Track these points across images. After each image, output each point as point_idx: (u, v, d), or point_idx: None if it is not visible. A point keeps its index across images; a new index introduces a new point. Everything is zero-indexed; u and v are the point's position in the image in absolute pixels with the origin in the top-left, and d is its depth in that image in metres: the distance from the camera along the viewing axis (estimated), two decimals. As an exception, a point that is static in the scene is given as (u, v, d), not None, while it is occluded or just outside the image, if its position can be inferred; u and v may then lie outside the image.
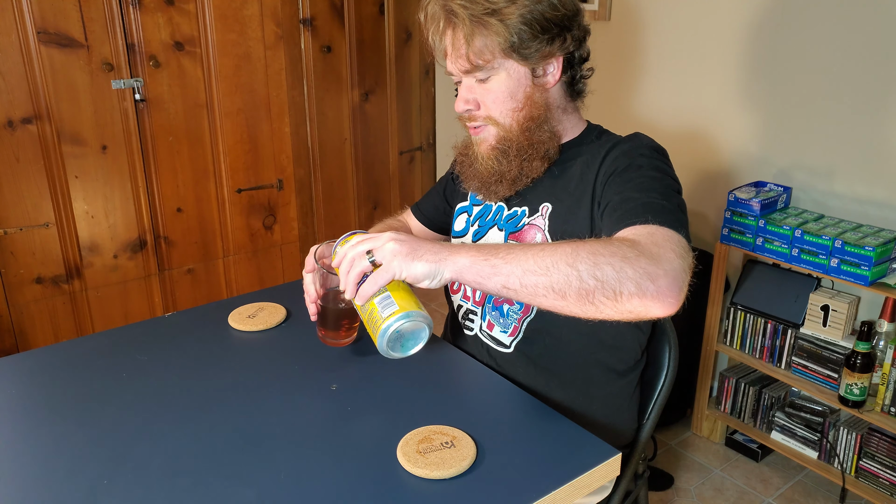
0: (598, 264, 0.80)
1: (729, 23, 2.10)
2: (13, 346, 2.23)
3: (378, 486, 0.83)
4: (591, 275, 0.80)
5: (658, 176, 1.00)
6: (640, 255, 0.81)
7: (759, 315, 2.01)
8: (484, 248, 0.87)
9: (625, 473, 1.15)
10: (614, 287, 0.79)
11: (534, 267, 0.82)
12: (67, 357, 1.14)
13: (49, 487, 0.84)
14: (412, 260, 0.85)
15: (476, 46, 1.04)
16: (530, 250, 0.84)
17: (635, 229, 0.89)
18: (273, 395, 1.02)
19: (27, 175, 2.14)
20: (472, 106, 1.10)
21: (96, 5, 2.13)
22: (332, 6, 2.65)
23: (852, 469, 1.88)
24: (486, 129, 1.12)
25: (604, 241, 0.85)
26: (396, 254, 0.86)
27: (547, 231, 1.10)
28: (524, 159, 1.10)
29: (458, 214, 1.29)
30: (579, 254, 0.81)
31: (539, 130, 1.10)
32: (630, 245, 0.83)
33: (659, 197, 0.94)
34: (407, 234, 0.90)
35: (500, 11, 1.02)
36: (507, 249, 0.85)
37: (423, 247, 0.87)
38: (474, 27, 1.03)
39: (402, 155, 3.12)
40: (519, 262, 0.83)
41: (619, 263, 0.80)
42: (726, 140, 2.19)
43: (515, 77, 1.07)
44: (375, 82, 2.89)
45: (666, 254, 0.83)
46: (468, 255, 0.86)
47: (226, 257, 2.61)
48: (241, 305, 1.29)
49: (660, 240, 0.85)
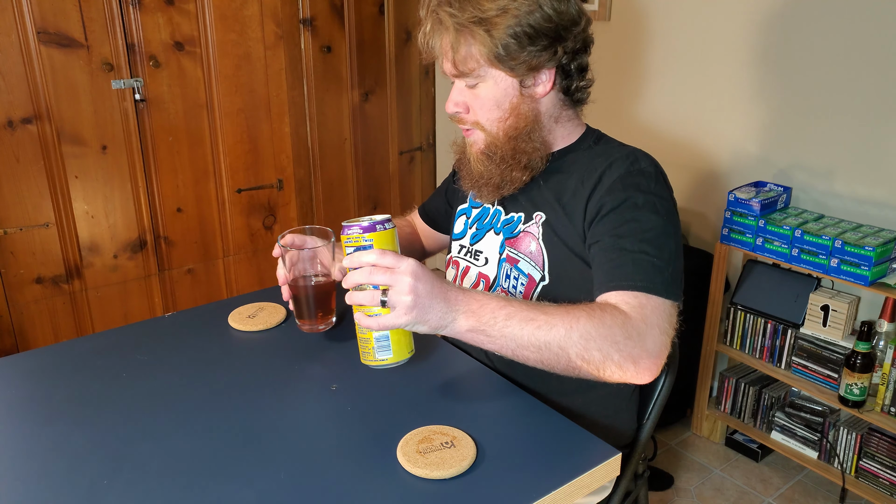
0: (588, 348, 0.87)
1: (729, 23, 2.10)
2: (13, 346, 2.23)
3: (378, 486, 0.83)
4: (580, 356, 0.88)
5: (654, 222, 0.99)
6: (627, 338, 0.88)
7: (759, 315, 2.01)
8: (486, 310, 0.88)
9: (625, 473, 1.15)
10: (598, 366, 0.89)
11: (527, 343, 0.88)
12: (67, 357, 1.14)
13: (49, 487, 0.84)
14: (421, 320, 0.86)
15: (461, 54, 1.04)
16: (527, 325, 0.88)
17: (626, 297, 0.93)
18: (273, 395, 1.02)
19: (27, 175, 2.14)
20: (460, 109, 1.10)
21: (96, 5, 2.13)
22: (332, 6, 2.65)
23: (852, 469, 1.88)
24: (474, 132, 1.12)
25: (597, 316, 0.89)
26: (409, 310, 0.85)
27: (541, 239, 1.10)
28: (506, 168, 1.09)
29: (458, 216, 1.30)
30: (571, 336, 0.87)
31: (525, 140, 1.08)
32: (621, 323, 0.89)
33: (652, 251, 0.96)
34: (423, 270, 0.86)
35: (488, 20, 1.00)
36: (506, 317, 0.88)
37: (435, 306, 0.86)
38: (458, 35, 1.03)
39: (402, 155, 3.12)
40: (514, 336, 0.88)
41: (607, 348, 0.88)
42: (726, 140, 2.19)
43: (502, 87, 1.06)
44: (375, 82, 2.89)
45: (651, 332, 0.90)
46: (469, 321, 0.88)
47: (226, 257, 2.61)
48: (241, 305, 1.29)
49: (648, 314, 0.91)
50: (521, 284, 1.12)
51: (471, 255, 1.23)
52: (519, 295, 1.12)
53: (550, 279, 1.09)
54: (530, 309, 0.90)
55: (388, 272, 0.85)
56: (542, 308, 0.91)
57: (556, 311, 0.90)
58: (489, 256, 1.19)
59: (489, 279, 1.18)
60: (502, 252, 1.16)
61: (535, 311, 0.89)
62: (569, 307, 0.91)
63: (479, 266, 1.20)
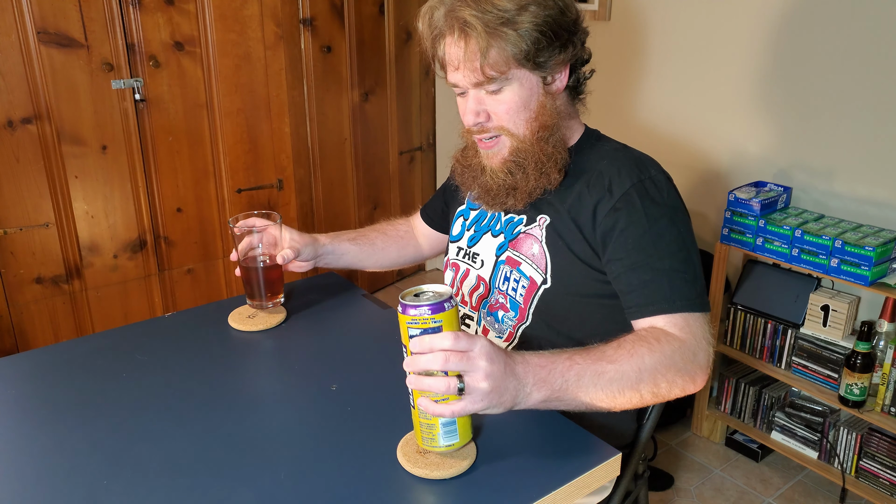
0: (657, 383, 0.91)
1: (730, 22, 2.10)
2: (13, 346, 2.23)
3: (378, 486, 0.83)
4: (650, 392, 0.91)
5: (675, 235, 1.02)
6: (686, 361, 0.94)
7: (759, 315, 2.01)
8: (556, 375, 0.86)
9: (625, 473, 1.15)
10: (666, 395, 0.93)
11: (602, 398, 0.88)
12: (67, 357, 1.14)
13: (49, 487, 0.84)
14: (496, 403, 0.81)
15: (492, 58, 1.00)
16: (598, 380, 0.88)
17: (672, 320, 0.98)
18: (273, 395, 1.02)
19: (27, 175, 2.14)
20: (482, 118, 1.06)
21: (96, 5, 2.13)
22: (332, 6, 2.65)
23: (852, 469, 1.88)
24: (499, 140, 1.08)
25: (657, 349, 0.92)
26: (486, 396, 0.80)
27: (544, 242, 1.09)
28: (542, 172, 1.07)
29: (456, 218, 1.29)
30: (642, 378, 0.90)
31: (552, 139, 1.07)
32: (678, 349, 0.94)
33: (681, 266, 1.00)
34: (495, 350, 0.81)
35: (513, 20, 0.99)
36: (577, 377, 0.87)
37: (509, 387, 0.82)
38: (490, 38, 0.99)
39: (402, 155, 3.12)
40: (588, 396, 0.88)
41: (672, 377, 0.92)
42: (726, 140, 2.19)
43: (528, 86, 1.04)
44: (375, 82, 2.89)
45: (700, 347, 0.96)
46: (541, 393, 0.85)
47: (226, 257, 2.61)
48: (241, 305, 1.29)
49: (696, 331, 0.97)
50: (521, 287, 1.12)
51: (468, 257, 1.22)
52: (519, 298, 1.12)
53: (552, 282, 1.08)
54: (595, 360, 0.89)
55: (462, 357, 0.79)
56: (605, 354, 0.90)
57: (618, 354, 0.90)
58: (485, 259, 1.18)
59: (487, 282, 1.18)
60: (500, 254, 1.16)
61: (600, 362, 0.89)
62: (627, 344, 0.92)
63: (476, 269, 1.20)
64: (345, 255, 1.35)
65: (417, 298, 0.82)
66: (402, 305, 0.81)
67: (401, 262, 1.45)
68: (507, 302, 1.14)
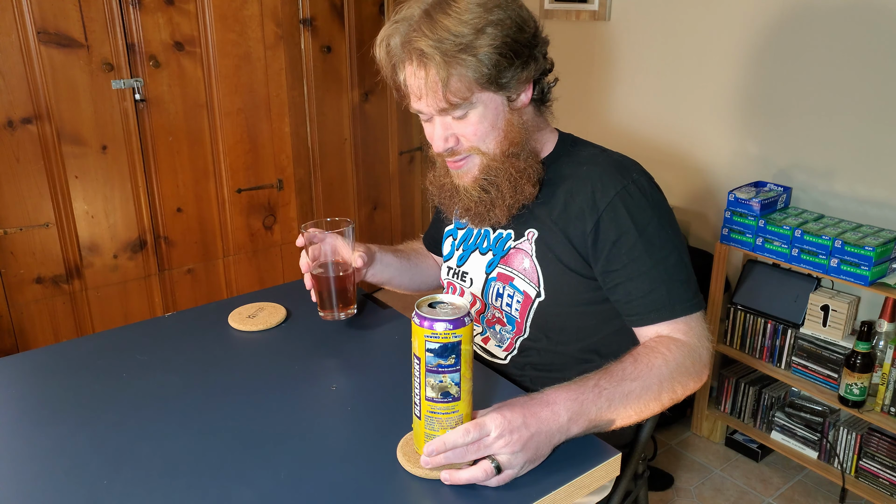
0: (674, 389, 0.96)
1: (730, 22, 2.10)
2: (13, 346, 2.23)
3: (378, 486, 0.83)
4: (670, 398, 0.96)
5: (665, 238, 1.03)
6: (693, 362, 0.99)
7: (759, 315, 2.01)
8: (588, 405, 0.88)
9: (625, 473, 1.15)
10: (680, 397, 0.98)
11: (631, 415, 0.93)
12: (67, 357, 1.14)
13: (49, 487, 0.84)
14: (535, 458, 0.84)
15: (453, 86, 0.98)
16: (626, 401, 0.91)
17: (675, 326, 1.02)
18: (273, 395, 1.02)
19: (27, 175, 2.14)
20: (452, 143, 1.05)
21: (96, 5, 2.13)
22: (332, 6, 2.65)
23: (852, 469, 1.88)
24: (468, 160, 1.07)
25: (671, 358, 0.97)
26: (524, 465, 0.82)
27: (534, 256, 1.09)
28: (516, 187, 1.06)
29: (445, 238, 1.28)
30: (663, 388, 0.95)
31: (523, 154, 1.06)
32: (686, 353, 0.98)
33: (675, 270, 1.02)
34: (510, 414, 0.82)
35: (471, 45, 0.96)
36: (608, 403, 0.90)
37: (542, 440, 0.83)
38: (449, 67, 0.97)
39: (401, 155, 3.12)
40: (619, 416, 0.92)
41: (684, 380, 0.97)
42: (726, 140, 2.19)
43: (493, 107, 1.02)
44: (375, 82, 2.89)
45: (704, 345, 1.01)
46: (579, 426, 0.88)
47: (226, 257, 2.61)
48: (241, 305, 1.29)
49: (697, 332, 1.02)
50: (516, 302, 1.11)
51: (457, 276, 1.22)
52: (515, 312, 1.12)
53: (546, 295, 1.08)
54: (619, 381, 0.92)
55: (480, 446, 0.80)
56: (626, 373, 0.93)
57: (638, 370, 0.94)
58: (474, 277, 1.18)
59: (481, 298, 1.18)
60: (489, 272, 1.15)
61: (625, 382, 0.92)
62: (643, 358, 0.96)
63: (468, 288, 1.20)
64: (389, 266, 1.30)
65: (434, 310, 0.80)
66: (421, 318, 0.79)
67: (429, 282, 1.40)
68: (504, 317, 1.14)
